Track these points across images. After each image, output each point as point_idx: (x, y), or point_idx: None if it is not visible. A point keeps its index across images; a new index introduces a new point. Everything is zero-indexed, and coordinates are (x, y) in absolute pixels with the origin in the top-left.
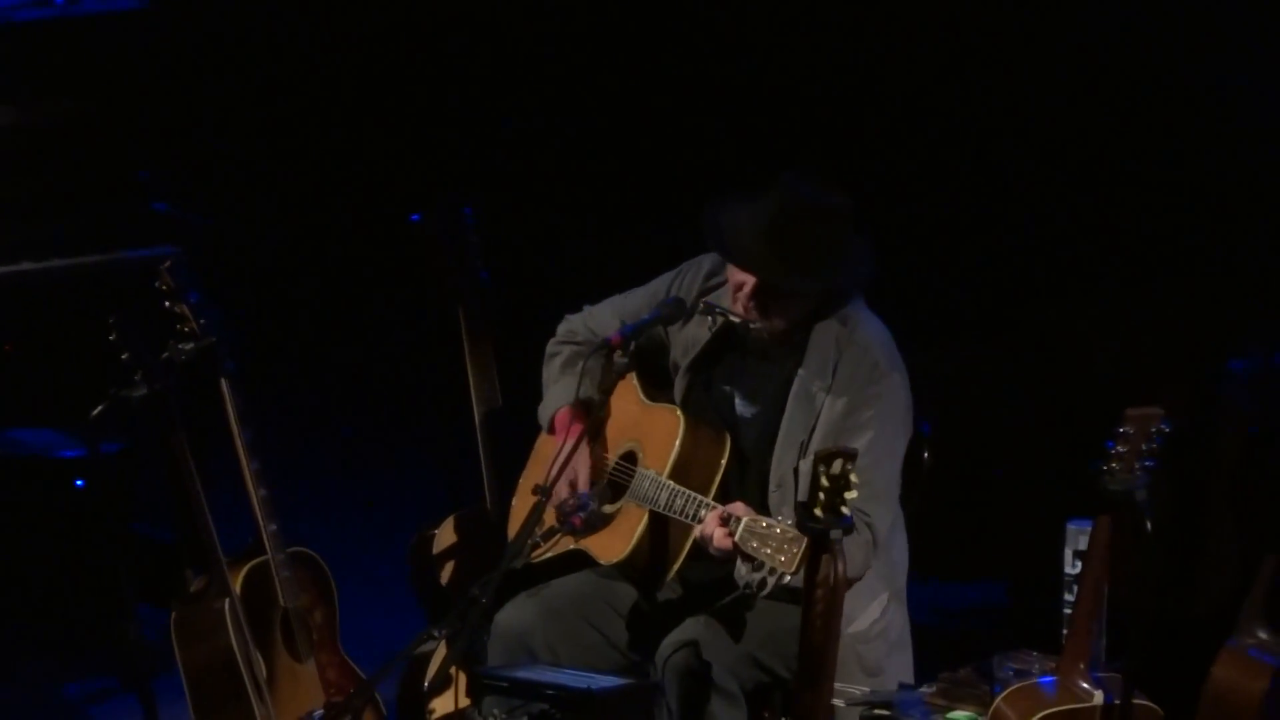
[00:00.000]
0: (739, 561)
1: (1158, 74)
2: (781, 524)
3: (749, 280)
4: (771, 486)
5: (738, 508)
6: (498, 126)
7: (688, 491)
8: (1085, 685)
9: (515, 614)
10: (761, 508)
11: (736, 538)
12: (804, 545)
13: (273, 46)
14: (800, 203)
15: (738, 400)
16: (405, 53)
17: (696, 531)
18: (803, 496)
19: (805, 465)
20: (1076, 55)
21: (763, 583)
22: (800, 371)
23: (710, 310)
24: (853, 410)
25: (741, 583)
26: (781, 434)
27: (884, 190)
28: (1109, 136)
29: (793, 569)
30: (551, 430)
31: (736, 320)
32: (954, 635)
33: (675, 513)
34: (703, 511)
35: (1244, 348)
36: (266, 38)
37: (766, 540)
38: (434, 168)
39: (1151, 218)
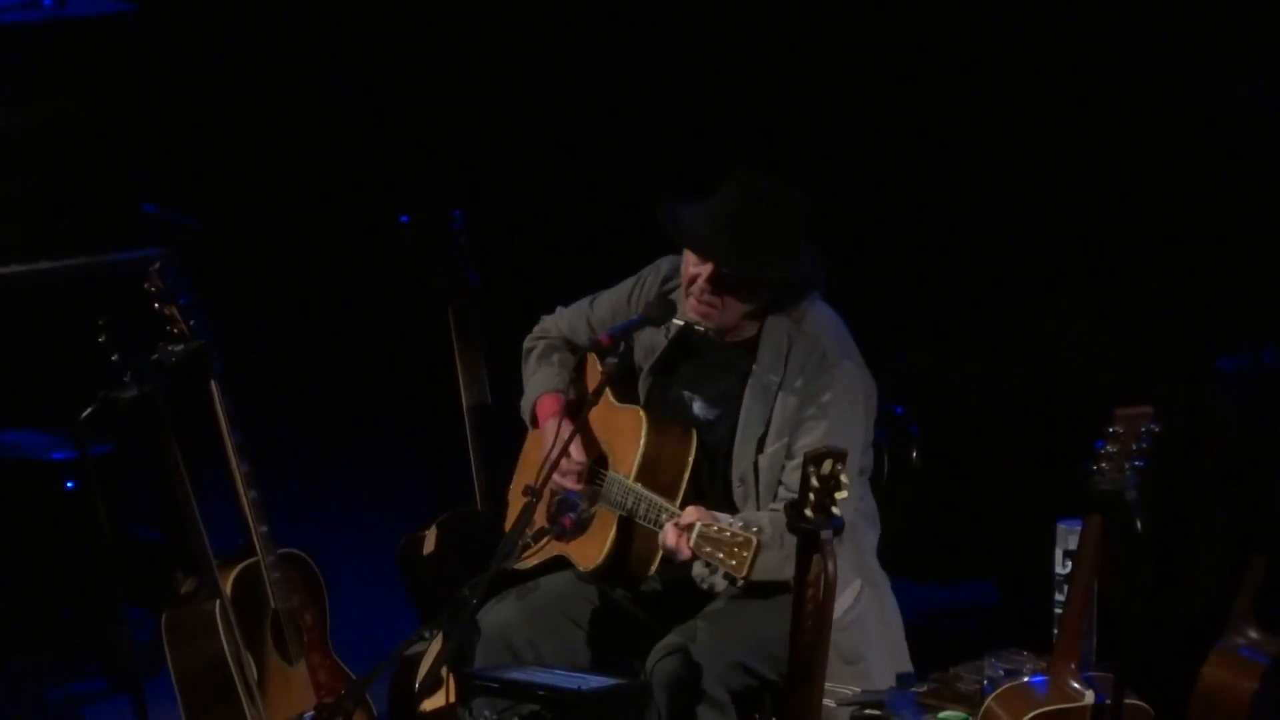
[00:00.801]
0: (696, 564)
1: (1147, 73)
2: (732, 528)
3: (704, 270)
4: (734, 483)
5: (690, 514)
6: (486, 128)
7: (650, 496)
8: (1076, 685)
9: (497, 612)
10: (728, 505)
11: (691, 544)
12: (753, 548)
13: (262, 48)
14: (757, 193)
15: (697, 404)
16: (394, 55)
17: (661, 540)
18: (768, 492)
19: (764, 459)
20: (1066, 53)
21: (713, 584)
22: (754, 368)
23: (660, 311)
24: (805, 402)
25: (699, 580)
26: (739, 430)
27: (874, 189)
28: (1098, 136)
29: (743, 573)
30: (534, 420)
31: (681, 324)
32: (945, 635)
33: (639, 518)
34: (663, 517)
35: (1233, 347)
36: (255, 39)
37: (719, 545)
38: (423, 170)
39: (1141, 216)
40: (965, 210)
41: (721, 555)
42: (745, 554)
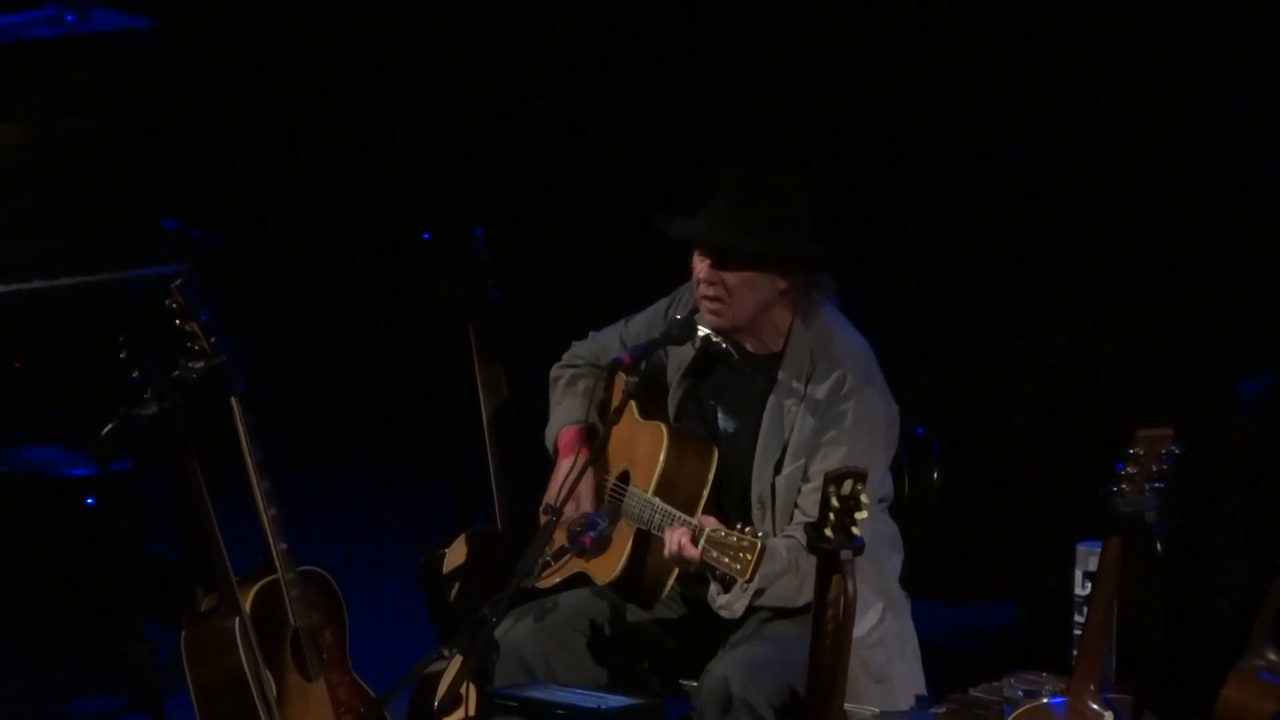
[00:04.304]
0: (711, 585)
1: (1167, 94)
2: (738, 532)
3: (705, 263)
4: (754, 504)
5: (702, 520)
6: (508, 146)
7: (669, 509)
8: (1095, 706)
9: (510, 628)
10: (748, 524)
11: (699, 549)
12: (758, 552)
13: (283, 65)
14: (746, 179)
15: (720, 415)
16: (417, 72)
17: (668, 544)
18: (784, 514)
19: (781, 480)
20: (1100, 74)
21: (730, 608)
22: (776, 384)
23: (675, 325)
24: (823, 428)
25: (712, 602)
26: (759, 450)
27: (899, 206)
28: (1120, 157)
29: (747, 576)
30: (556, 452)
31: (702, 335)
32: (964, 655)
33: (655, 529)
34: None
35: (1254, 369)
36: (277, 56)
37: (724, 549)
38: (444, 188)
39: (1162, 238)
40: (989, 229)
41: (727, 559)
42: (749, 557)
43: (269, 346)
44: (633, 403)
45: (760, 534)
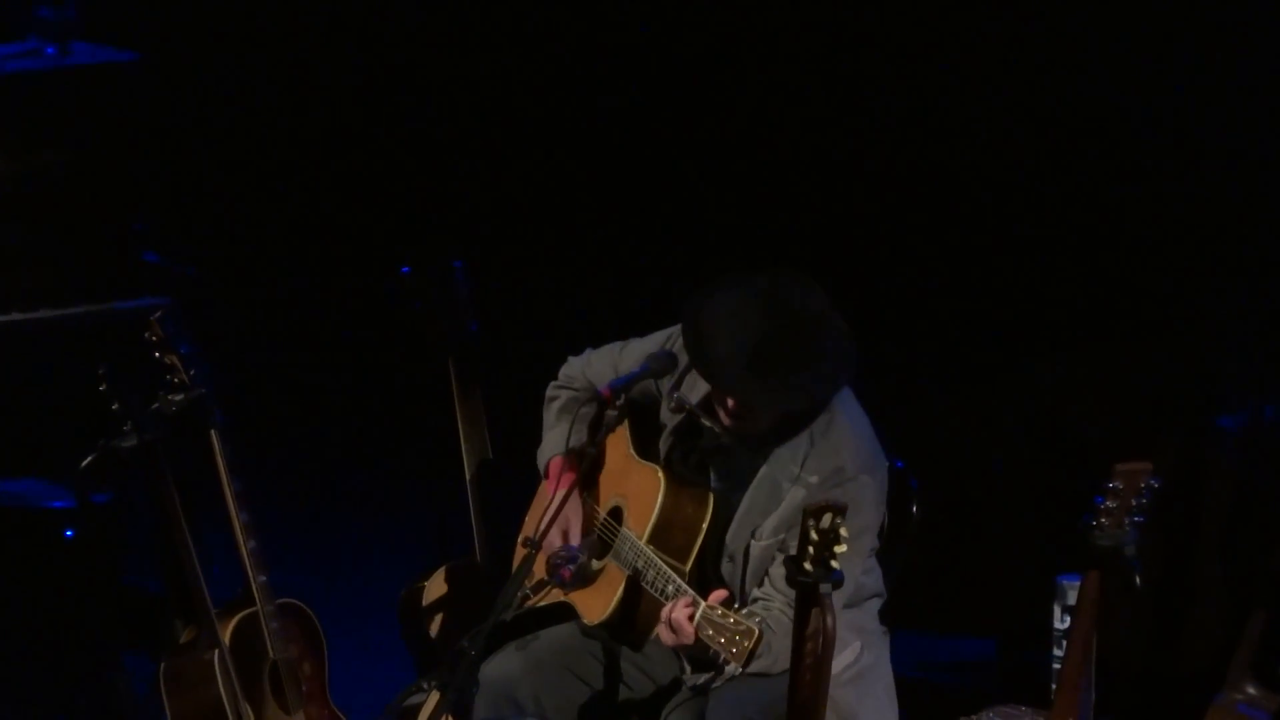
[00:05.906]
0: (684, 661)
1: (1144, 130)
2: (736, 614)
3: (734, 401)
4: (724, 559)
5: (717, 595)
6: (488, 178)
7: (660, 565)
8: None
9: (501, 665)
10: (715, 577)
11: (694, 624)
12: (754, 639)
13: (264, 99)
14: (782, 321)
15: (712, 473)
16: (395, 105)
17: (664, 613)
18: (754, 578)
19: (756, 548)
20: (1069, 109)
21: (708, 684)
22: (772, 456)
23: (682, 408)
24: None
25: (686, 685)
26: (740, 512)
27: (873, 237)
28: (1100, 189)
29: (742, 662)
30: (546, 476)
31: (707, 425)
32: (944, 689)
33: (646, 583)
34: (669, 588)
35: (1233, 404)
36: (258, 90)
37: (721, 630)
38: (424, 220)
39: (1142, 270)
40: (969, 262)
41: (723, 640)
42: (746, 644)
43: (248, 379)
44: (629, 436)
45: (759, 620)
